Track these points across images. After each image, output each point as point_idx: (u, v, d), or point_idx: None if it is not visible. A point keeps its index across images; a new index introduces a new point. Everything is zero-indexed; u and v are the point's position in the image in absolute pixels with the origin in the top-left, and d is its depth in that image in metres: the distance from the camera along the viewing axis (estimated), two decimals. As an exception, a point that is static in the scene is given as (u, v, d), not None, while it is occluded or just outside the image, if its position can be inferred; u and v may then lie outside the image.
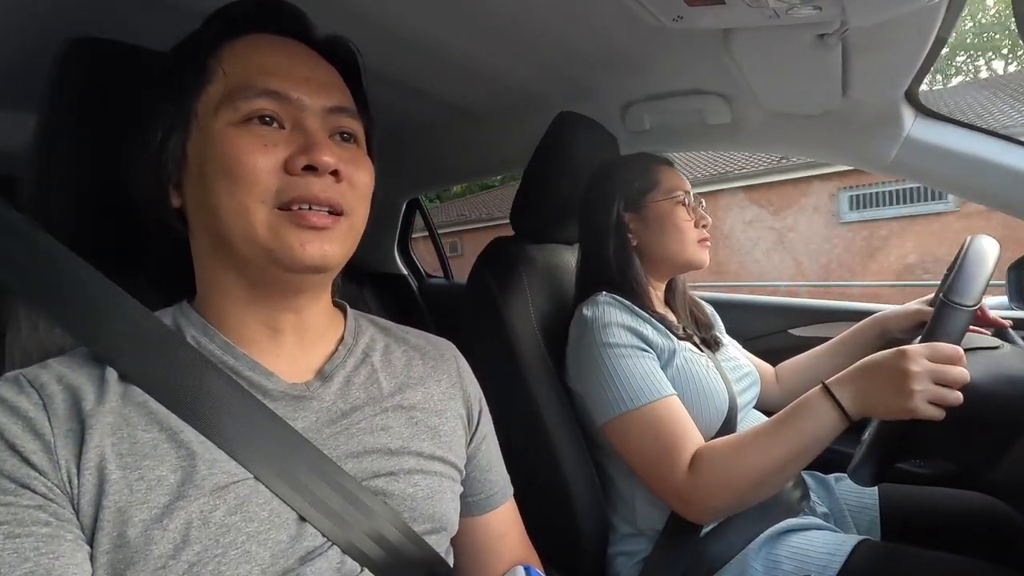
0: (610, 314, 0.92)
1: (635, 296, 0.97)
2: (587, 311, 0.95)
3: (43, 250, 0.49)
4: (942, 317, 0.75)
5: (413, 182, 1.93)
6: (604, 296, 0.96)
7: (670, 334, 0.94)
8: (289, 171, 0.48)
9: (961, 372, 0.69)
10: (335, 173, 0.49)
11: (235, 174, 0.47)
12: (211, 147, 0.48)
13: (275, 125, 0.49)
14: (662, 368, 0.91)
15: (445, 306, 2.05)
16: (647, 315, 0.94)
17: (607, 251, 1.02)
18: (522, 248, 1.07)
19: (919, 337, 0.76)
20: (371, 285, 2.00)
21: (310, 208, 0.48)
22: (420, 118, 1.39)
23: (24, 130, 0.58)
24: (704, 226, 1.02)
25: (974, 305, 0.76)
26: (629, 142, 1.27)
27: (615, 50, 1.00)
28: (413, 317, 2.03)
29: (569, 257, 1.18)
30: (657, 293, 1.05)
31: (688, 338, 1.00)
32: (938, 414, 0.69)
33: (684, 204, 1.01)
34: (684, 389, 0.90)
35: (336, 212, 0.50)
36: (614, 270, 1.01)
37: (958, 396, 0.69)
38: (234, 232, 0.48)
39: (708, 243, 1.02)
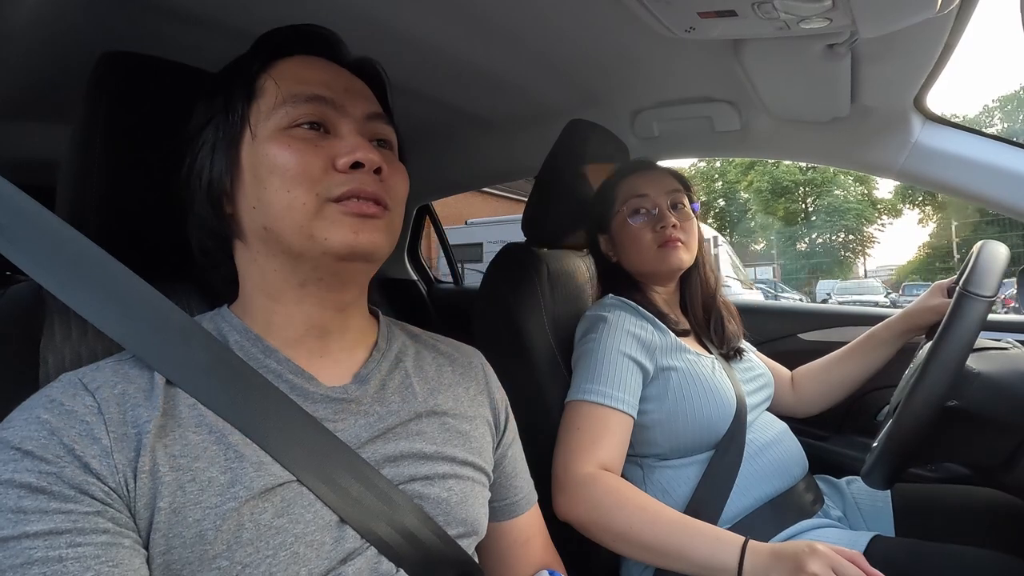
0: (616, 316, 0.95)
1: (636, 300, 1.00)
2: (595, 312, 0.99)
3: (84, 256, 0.50)
4: (961, 307, 0.74)
5: (424, 188, 1.95)
6: (611, 298, 1.00)
7: (670, 332, 0.96)
8: (338, 169, 0.51)
9: None
10: (378, 171, 0.52)
11: (289, 172, 0.50)
12: (264, 150, 0.51)
13: (321, 130, 0.53)
14: (662, 367, 0.93)
15: (455, 311, 2.06)
16: (650, 314, 0.97)
17: (599, 268, 1.11)
18: (535, 254, 1.09)
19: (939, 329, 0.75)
20: (381, 290, 2.02)
21: (359, 200, 0.51)
22: (431, 124, 1.40)
23: (63, 142, 0.59)
24: (662, 227, 0.98)
25: (991, 295, 0.75)
26: (638, 148, 1.29)
27: (626, 59, 1.02)
28: (423, 322, 2.04)
29: (581, 263, 1.19)
30: (661, 295, 1.06)
31: (696, 338, 1.01)
32: None
33: (638, 212, 1.01)
34: (688, 389, 0.91)
35: (382, 205, 0.53)
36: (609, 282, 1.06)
37: None
38: (290, 226, 0.50)
39: (673, 243, 0.98)
